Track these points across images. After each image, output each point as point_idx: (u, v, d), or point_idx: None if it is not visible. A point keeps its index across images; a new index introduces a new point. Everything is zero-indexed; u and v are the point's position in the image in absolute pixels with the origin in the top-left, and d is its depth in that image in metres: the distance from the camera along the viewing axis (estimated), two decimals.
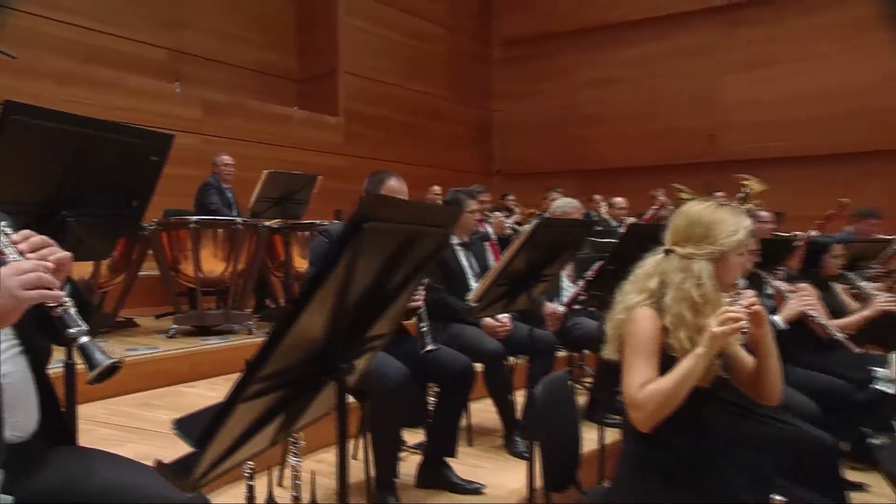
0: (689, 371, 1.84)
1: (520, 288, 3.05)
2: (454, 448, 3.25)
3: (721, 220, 2.02)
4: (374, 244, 1.02)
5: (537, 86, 13.40)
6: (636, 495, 2.04)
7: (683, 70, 12.07)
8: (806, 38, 11.04)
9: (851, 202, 7.16)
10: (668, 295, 1.97)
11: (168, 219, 5.41)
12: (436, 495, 3.11)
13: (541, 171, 12.66)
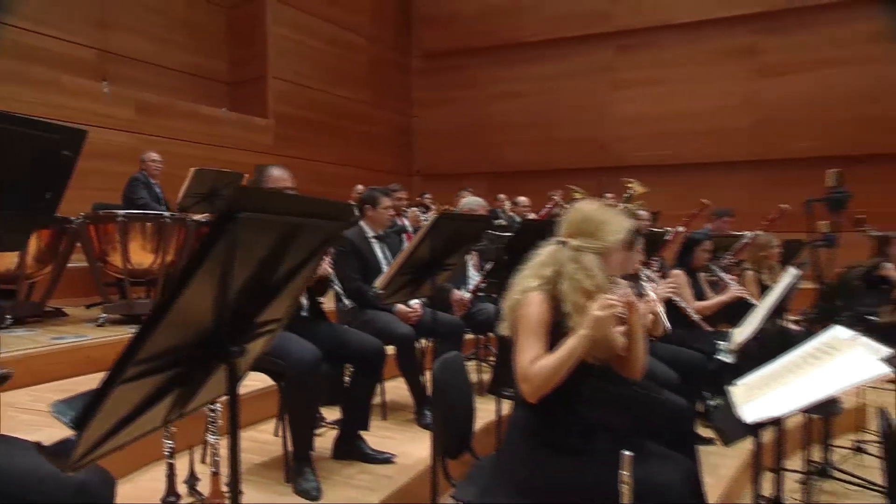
0: (573, 349, 1.88)
1: (424, 276, 3.06)
2: (367, 422, 3.24)
3: (609, 220, 2.08)
4: (252, 234, 0.98)
5: (453, 95, 13.48)
6: (521, 460, 2.06)
7: (580, 86, 12.40)
8: (683, 64, 11.62)
9: (711, 203, 7.49)
10: (564, 283, 2.01)
11: (96, 212, 5.12)
12: (350, 466, 3.09)
13: (456, 172, 12.74)
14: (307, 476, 2.75)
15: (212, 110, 9.40)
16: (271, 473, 2.99)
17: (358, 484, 2.90)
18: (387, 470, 3.05)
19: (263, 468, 3.07)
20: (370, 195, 3.92)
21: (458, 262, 3.28)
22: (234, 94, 10.47)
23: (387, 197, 3.92)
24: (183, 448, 2.63)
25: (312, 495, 2.68)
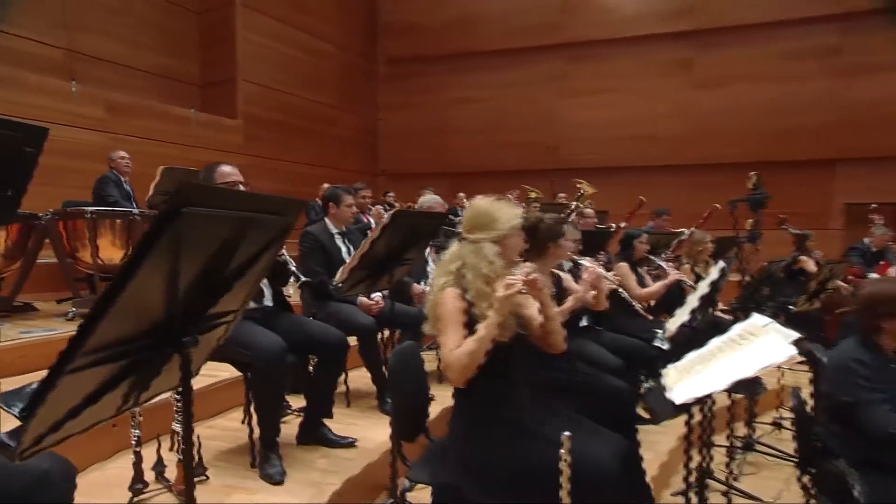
0: (486, 331, 1.92)
1: (383, 270, 3.04)
2: (330, 410, 3.21)
3: (499, 210, 2.14)
4: (199, 228, 0.95)
5: (416, 99, 13.42)
6: (463, 441, 2.07)
7: (533, 93, 12.48)
8: (628, 75, 11.84)
9: (648, 200, 7.60)
10: (467, 273, 2.05)
11: (64, 209, 4.94)
12: (314, 451, 3.06)
13: (418, 172, 12.69)
14: (272, 461, 2.72)
15: (181, 111, 9.14)
16: (238, 459, 2.94)
17: (321, 468, 2.88)
18: (349, 454, 3.03)
19: (230, 454, 3.03)
20: (333, 193, 3.87)
21: (416, 257, 3.27)
22: (205, 95, 10.22)
23: (349, 195, 3.87)
24: (151, 437, 2.59)
25: (276, 479, 2.65)
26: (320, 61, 11.84)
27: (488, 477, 1.94)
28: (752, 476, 3.82)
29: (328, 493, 2.59)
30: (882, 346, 2.51)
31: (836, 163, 10.79)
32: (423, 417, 2.38)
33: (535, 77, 12.45)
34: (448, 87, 13.13)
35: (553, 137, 12.09)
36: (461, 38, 12.79)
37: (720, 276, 2.93)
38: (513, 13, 12.41)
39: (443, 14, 12.95)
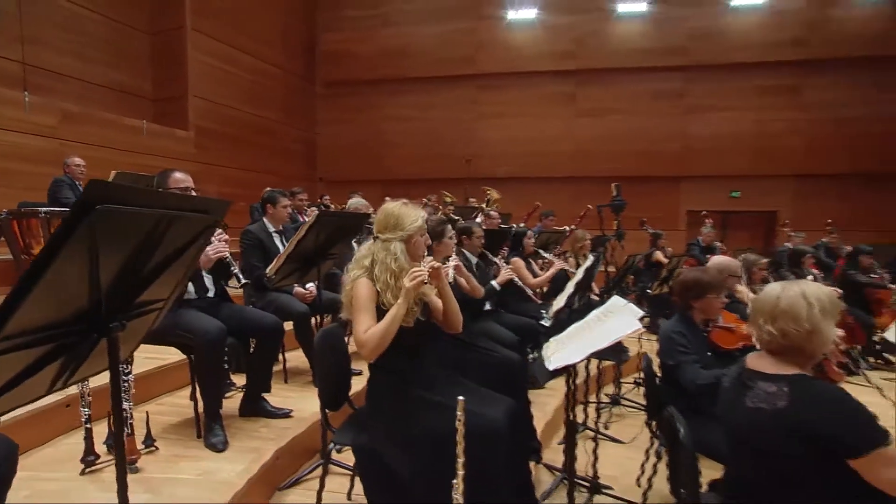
0: (394, 317, 1.92)
1: (311, 263, 2.96)
2: (269, 385, 3.12)
3: (406, 213, 2.12)
4: (115, 223, 0.87)
5: (350, 116, 13.16)
6: (377, 407, 2.06)
7: (452, 115, 12.58)
8: (527, 103, 12.22)
9: (542, 205, 7.84)
10: (377, 267, 2.03)
11: (19, 209, 4.51)
12: (255, 421, 2.97)
13: (353, 179, 12.44)
14: (216, 432, 2.62)
15: (133, 121, 8.51)
16: (185, 431, 2.81)
17: (261, 436, 2.79)
18: (286, 423, 2.96)
19: (178, 427, 2.89)
20: (270, 196, 3.73)
21: (342, 252, 3.20)
22: (158, 109, 9.59)
23: (285, 197, 3.75)
24: (102, 416, 2.45)
25: (219, 448, 2.56)
26: (265, 81, 11.40)
27: (399, 439, 1.93)
28: (618, 424, 3.97)
29: (266, 456, 2.51)
30: (695, 319, 2.71)
31: (680, 179, 11.72)
32: (346, 389, 2.33)
33: (452, 101, 12.55)
34: (379, 106, 12.99)
35: (468, 152, 12.19)
36: (391, 66, 12.69)
37: (592, 267, 3.04)
38: (435, 47, 12.45)
39: (375, 45, 12.80)
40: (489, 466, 1.78)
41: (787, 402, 1.49)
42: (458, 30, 12.35)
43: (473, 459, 1.50)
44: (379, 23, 12.81)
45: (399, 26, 12.69)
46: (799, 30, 10.99)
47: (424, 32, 12.53)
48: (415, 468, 1.86)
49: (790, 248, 6.05)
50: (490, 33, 12.26)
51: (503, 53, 12.20)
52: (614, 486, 2.91)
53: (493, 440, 1.83)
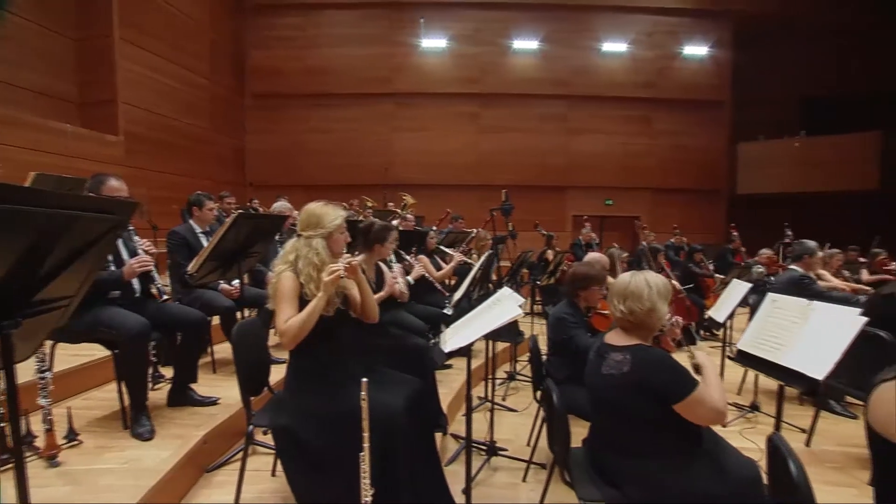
0: (314, 307, 1.87)
1: (233, 261, 2.80)
2: (195, 376, 2.92)
3: (326, 212, 2.07)
4: (10, 223, 0.77)
5: (277, 127, 12.51)
6: (294, 390, 2.00)
7: (371, 128, 12.37)
8: (437, 119, 12.30)
9: (452, 211, 7.95)
10: (301, 262, 1.97)
11: None
12: (182, 410, 2.78)
13: (280, 184, 11.80)
14: (142, 422, 2.42)
15: (57, 124, 7.52)
16: (111, 424, 2.57)
17: (188, 423, 2.61)
18: (213, 410, 2.79)
19: (104, 420, 2.63)
20: (196, 199, 3.47)
21: (262, 251, 3.05)
22: (86, 113, 8.55)
23: (211, 200, 3.49)
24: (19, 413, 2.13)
25: (146, 437, 2.37)
26: (195, 91, 10.55)
27: (314, 420, 1.88)
28: (514, 396, 4.09)
29: (193, 442, 2.36)
30: (580, 305, 2.90)
31: (566, 189, 12.44)
32: (266, 376, 2.24)
33: (372, 115, 12.35)
34: (305, 119, 12.49)
35: (385, 160, 12.10)
36: (316, 82, 12.25)
37: (488, 262, 3.13)
38: (357, 67, 12.18)
39: (301, 63, 12.30)
40: (389, 445, 1.78)
41: (630, 367, 1.66)
42: (377, 54, 12.22)
43: (376, 440, 1.51)
44: (306, 44, 12.35)
45: (324, 48, 12.31)
46: (648, 75, 12.23)
47: (347, 54, 12.26)
48: (326, 444, 1.83)
49: (647, 245, 6.59)
50: (405, 58, 12.24)
51: (417, 76, 12.24)
52: (509, 447, 3.03)
53: (393, 423, 1.83)
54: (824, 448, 3.22)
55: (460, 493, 2.25)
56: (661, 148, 12.39)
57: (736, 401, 3.97)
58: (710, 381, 1.69)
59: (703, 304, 6.25)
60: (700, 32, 12.23)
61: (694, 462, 1.66)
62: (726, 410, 1.65)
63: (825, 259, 5.67)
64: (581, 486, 1.75)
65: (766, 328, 2.48)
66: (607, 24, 12.10)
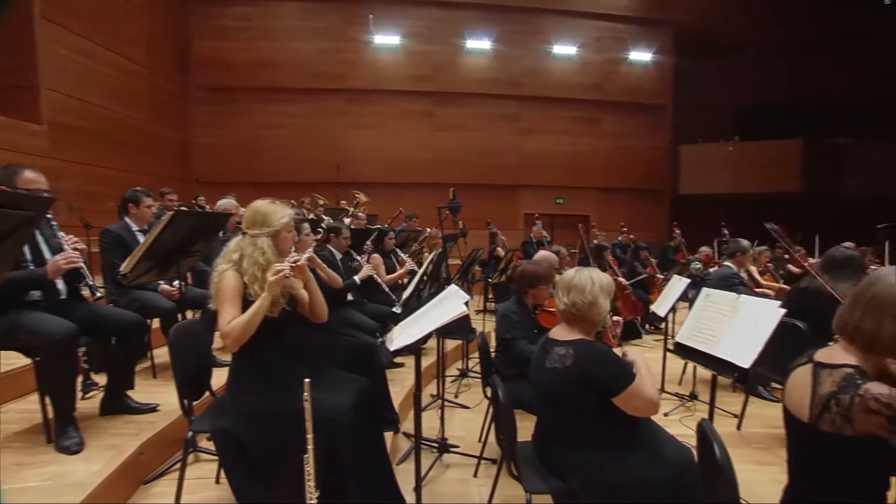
0: (258, 308, 1.81)
1: (171, 261, 2.66)
2: (132, 382, 2.74)
3: (273, 211, 2.01)
4: None
5: (226, 121, 12.02)
6: (236, 392, 1.93)
7: (323, 124, 12.13)
8: (391, 117, 12.22)
9: (405, 209, 7.93)
10: (245, 262, 1.90)
11: None
12: (117, 419, 2.60)
13: (229, 181, 11.33)
14: (69, 434, 2.25)
15: None
16: (33, 438, 2.36)
17: (123, 432, 2.45)
18: (151, 417, 2.63)
19: (25, 434, 2.42)
20: (133, 195, 3.25)
21: (205, 250, 2.92)
22: (4, 99, 7.85)
23: (148, 197, 3.28)
24: None
25: (73, 450, 2.20)
26: (131, 80, 9.85)
27: (256, 422, 1.82)
28: (466, 393, 4.12)
29: (127, 452, 2.21)
30: (527, 303, 2.96)
31: (518, 188, 12.69)
32: (207, 379, 2.15)
33: (325, 112, 12.11)
34: (256, 113, 12.06)
35: (339, 158, 11.87)
36: (265, 76, 11.87)
37: (438, 261, 3.14)
38: (308, 62, 11.90)
39: (250, 56, 11.86)
40: (336, 445, 1.76)
41: (573, 361, 1.72)
42: (329, 48, 11.99)
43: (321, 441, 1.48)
44: (254, 35, 11.92)
45: (273, 40, 11.93)
46: (596, 77, 12.69)
47: (298, 48, 11.94)
48: (270, 447, 1.78)
49: (595, 243, 6.83)
50: (358, 54, 12.08)
51: (370, 72, 12.11)
52: (461, 444, 3.04)
53: (339, 424, 1.80)
54: (753, 431, 3.45)
55: (412, 492, 2.25)
56: (608, 149, 12.89)
57: (677, 391, 4.19)
58: (644, 375, 1.78)
59: (649, 300, 6.52)
60: (644, 39, 12.81)
61: (633, 451, 1.74)
62: (659, 402, 1.75)
63: (755, 256, 6.09)
64: (527, 479, 1.79)
65: (700, 321, 2.63)
66: (557, 27, 12.44)
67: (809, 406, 1.31)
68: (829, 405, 1.26)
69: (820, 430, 1.27)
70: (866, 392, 1.20)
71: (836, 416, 1.24)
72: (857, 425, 1.21)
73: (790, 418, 1.40)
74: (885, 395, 1.18)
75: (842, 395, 1.24)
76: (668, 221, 11.52)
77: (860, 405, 1.20)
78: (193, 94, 12.02)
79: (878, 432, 1.19)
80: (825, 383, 1.29)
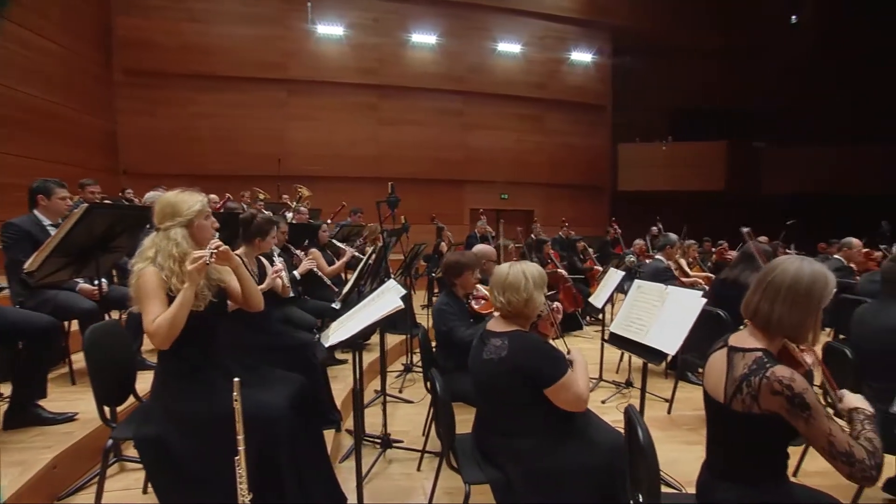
0: (182, 302, 1.72)
1: (88, 258, 2.46)
2: (44, 390, 2.52)
3: (183, 199, 1.91)
4: None
5: (156, 108, 11.14)
6: (162, 395, 1.83)
7: (263, 115, 11.58)
8: (335, 110, 11.90)
9: (348, 204, 7.79)
10: (160, 256, 1.80)
11: None
12: (26, 432, 2.38)
13: (162, 173, 10.56)
14: None
15: None
16: None
17: (33, 446, 2.25)
18: (68, 428, 2.43)
19: None
20: (43, 186, 2.97)
21: (128, 245, 2.72)
22: None
23: (62, 188, 3.01)
24: None
25: None
26: (43, 58, 8.89)
27: (185, 426, 1.74)
28: (411, 388, 4.12)
29: (37, 467, 2.04)
30: (458, 294, 3.01)
31: (464, 183, 12.79)
32: (130, 383, 2.01)
33: (264, 102, 11.55)
34: (189, 101, 11.28)
35: (280, 151, 11.42)
36: (199, 62, 11.12)
37: (378, 256, 3.11)
38: (246, 49, 11.27)
39: (180, 39, 11.06)
40: (271, 445, 1.71)
41: (507, 352, 1.76)
42: (268, 36, 11.46)
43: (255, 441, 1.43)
44: (183, 16, 11.18)
45: (205, 24, 11.25)
46: (540, 76, 13.02)
47: (234, 34, 11.32)
48: (199, 451, 1.70)
49: (534, 238, 7.04)
50: (298, 43, 11.65)
51: (312, 63, 11.72)
52: (405, 439, 3.05)
53: (274, 423, 1.75)
54: (682, 413, 3.70)
55: (355, 489, 2.23)
56: (551, 146, 13.26)
57: (614, 378, 4.40)
58: (578, 372, 1.85)
59: (588, 292, 6.79)
60: (585, 41, 13.28)
61: (567, 439, 1.81)
62: (587, 399, 1.82)
63: (684, 249, 6.51)
64: (466, 470, 1.82)
65: (632, 312, 2.78)
66: (502, 25, 12.62)
67: (724, 388, 1.41)
68: (741, 387, 1.36)
69: (733, 409, 1.38)
70: (772, 374, 1.31)
71: (746, 396, 1.35)
72: (763, 404, 1.33)
73: (708, 400, 1.51)
74: (787, 378, 1.29)
75: (752, 378, 1.34)
76: (608, 217, 12.06)
77: (766, 386, 1.31)
78: (118, 77, 11.13)
79: (780, 411, 1.31)
80: (738, 366, 1.40)
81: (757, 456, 1.41)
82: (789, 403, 1.28)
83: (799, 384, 1.28)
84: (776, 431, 1.34)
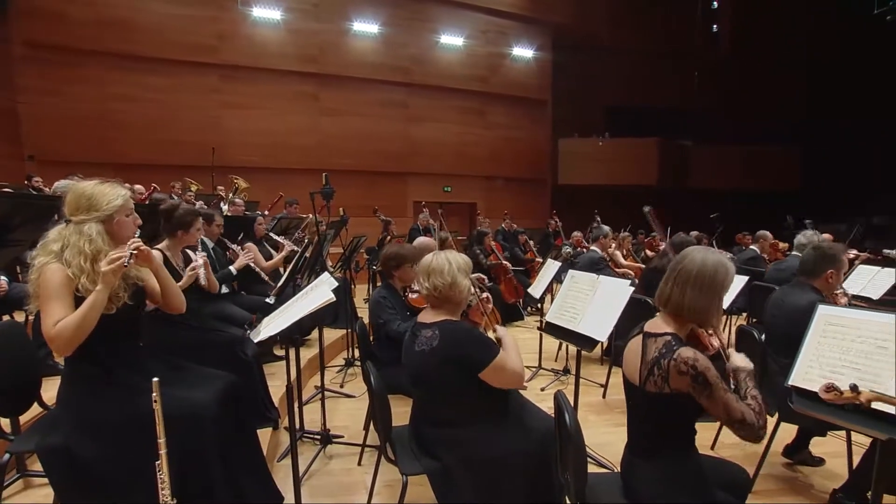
0: (93, 304, 1.57)
1: None
2: None
3: (102, 192, 1.75)
4: None
5: (67, 88, 10.06)
6: (70, 402, 1.70)
7: (194, 101, 10.85)
8: (273, 98, 11.37)
9: (285, 195, 7.52)
10: (68, 252, 1.64)
11: None
12: None
13: (77, 161, 9.56)
14: None
15: None
16: None
17: None
18: None
19: None
20: None
21: (30, 238, 2.48)
22: None
23: None
24: None
25: None
26: None
27: (97, 432, 1.62)
28: (352, 382, 4.08)
29: None
30: (396, 287, 3.02)
31: (407, 175, 12.72)
32: (34, 389, 1.84)
33: (195, 87, 10.81)
34: (108, 82, 10.29)
35: (214, 140, 10.76)
36: (117, 39, 10.15)
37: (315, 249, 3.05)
38: (170, 28, 10.47)
39: (93, 12, 10.04)
40: (197, 446, 1.63)
41: (438, 342, 1.78)
42: (198, 16, 10.76)
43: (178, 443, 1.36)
44: None
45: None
46: (482, 70, 13.18)
47: (155, 10, 10.50)
48: (114, 457, 1.59)
49: (477, 230, 7.14)
50: (233, 26, 11.04)
51: (248, 48, 11.14)
52: (346, 433, 3.03)
53: (199, 423, 1.67)
54: (616, 398, 3.91)
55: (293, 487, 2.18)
56: (493, 139, 13.47)
57: (553, 366, 4.57)
58: (509, 350, 1.90)
59: (529, 283, 7.00)
60: (527, 36, 13.56)
61: (502, 424, 1.86)
62: (524, 374, 1.88)
63: (619, 241, 6.85)
64: (403, 461, 1.83)
65: (566, 301, 2.90)
66: (445, 17, 12.61)
67: (639, 371, 1.51)
68: (653, 369, 1.46)
69: (647, 391, 1.48)
70: (678, 356, 1.42)
71: (657, 378, 1.45)
72: (672, 384, 1.43)
73: (627, 383, 1.61)
74: (691, 359, 1.41)
75: (662, 360, 1.45)
76: (549, 210, 12.43)
77: (674, 367, 1.42)
78: (18, 50, 9.99)
79: (686, 389, 1.42)
80: (650, 350, 1.50)
81: (669, 433, 1.53)
82: (693, 381, 1.40)
83: (701, 363, 1.40)
84: (685, 409, 1.46)
